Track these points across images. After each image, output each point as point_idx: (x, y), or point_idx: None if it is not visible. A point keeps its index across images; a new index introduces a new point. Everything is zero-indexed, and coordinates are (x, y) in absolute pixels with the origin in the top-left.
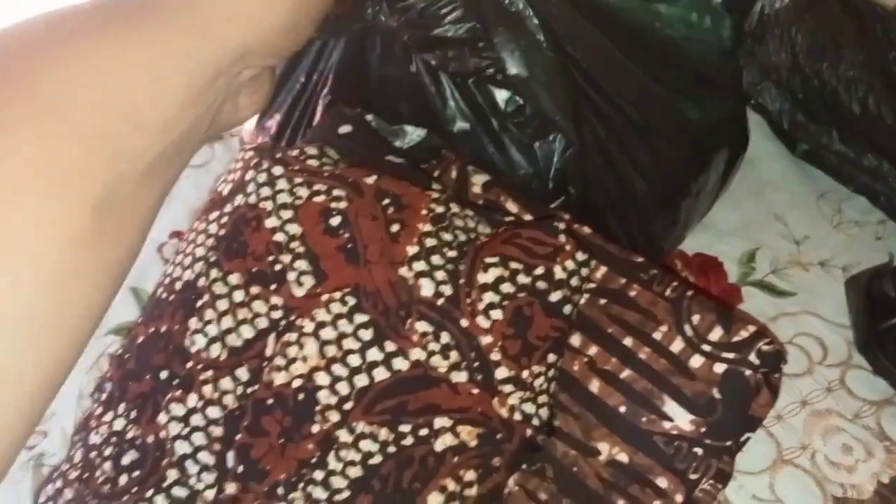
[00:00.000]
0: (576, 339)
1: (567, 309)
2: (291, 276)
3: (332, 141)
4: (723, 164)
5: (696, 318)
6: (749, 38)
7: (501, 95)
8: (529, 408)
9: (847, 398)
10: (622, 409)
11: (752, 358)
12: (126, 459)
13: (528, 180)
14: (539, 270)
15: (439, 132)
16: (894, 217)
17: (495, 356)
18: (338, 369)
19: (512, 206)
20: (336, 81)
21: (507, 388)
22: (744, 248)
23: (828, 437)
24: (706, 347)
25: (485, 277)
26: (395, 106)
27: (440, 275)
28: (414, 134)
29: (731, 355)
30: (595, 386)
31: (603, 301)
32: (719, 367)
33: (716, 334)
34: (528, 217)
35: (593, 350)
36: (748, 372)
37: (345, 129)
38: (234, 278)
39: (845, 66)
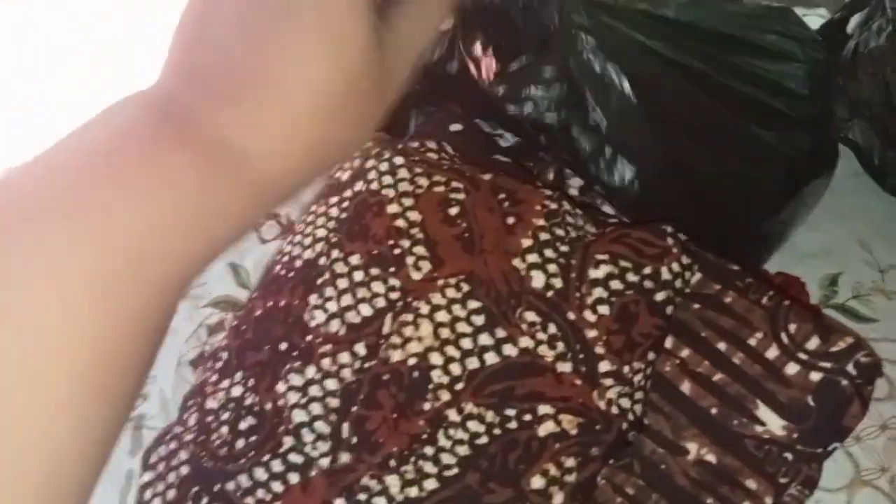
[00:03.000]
0: (668, 341)
1: (669, 310)
2: (410, 260)
3: (445, 137)
4: (809, 194)
5: (792, 327)
6: (840, 73)
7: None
8: (626, 402)
9: None
10: (714, 410)
11: (850, 369)
12: (243, 424)
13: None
14: (647, 270)
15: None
16: None
17: (599, 350)
18: (451, 351)
19: (608, 209)
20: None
21: (608, 381)
22: (826, 271)
23: None
24: (802, 356)
25: (595, 273)
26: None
27: (552, 268)
28: (512, 140)
29: (827, 365)
30: (686, 387)
31: (696, 305)
32: (815, 376)
33: (813, 343)
34: (624, 220)
35: (685, 352)
36: (844, 382)
37: (456, 127)
38: (355, 259)
39: None
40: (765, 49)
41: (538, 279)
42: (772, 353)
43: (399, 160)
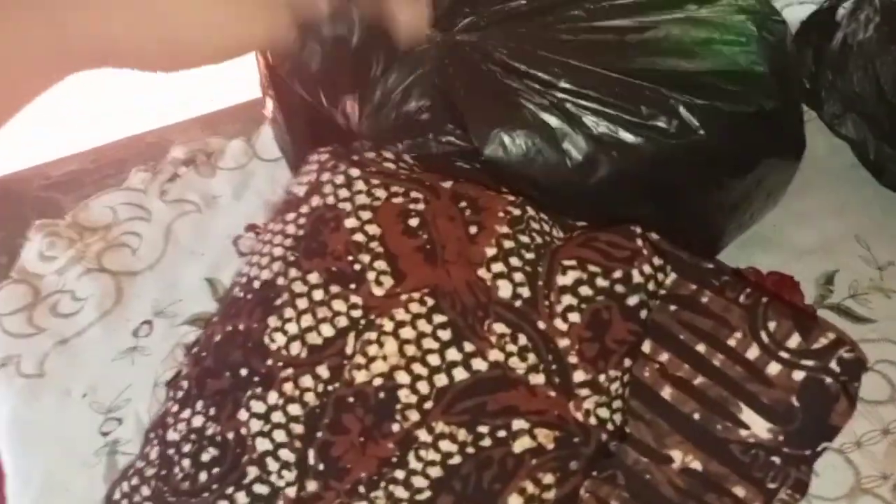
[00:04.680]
0: (646, 346)
1: (643, 314)
2: (371, 275)
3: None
4: (768, 178)
5: (772, 325)
6: (829, 68)
7: None
8: (604, 412)
9: None
10: (696, 416)
11: (833, 365)
12: (206, 456)
13: None
14: (617, 274)
15: None
16: None
17: (572, 359)
18: (417, 368)
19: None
20: None
21: (584, 391)
22: (822, 269)
23: None
24: (784, 354)
25: (563, 280)
26: None
27: (518, 276)
28: None
29: (810, 363)
30: (667, 392)
31: (673, 307)
32: (798, 375)
33: (794, 341)
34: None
35: (664, 356)
36: (828, 380)
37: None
38: (314, 277)
39: None
40: (715, 23)
41: (505, 289)
42: (752, 353)
43: (355, 172)
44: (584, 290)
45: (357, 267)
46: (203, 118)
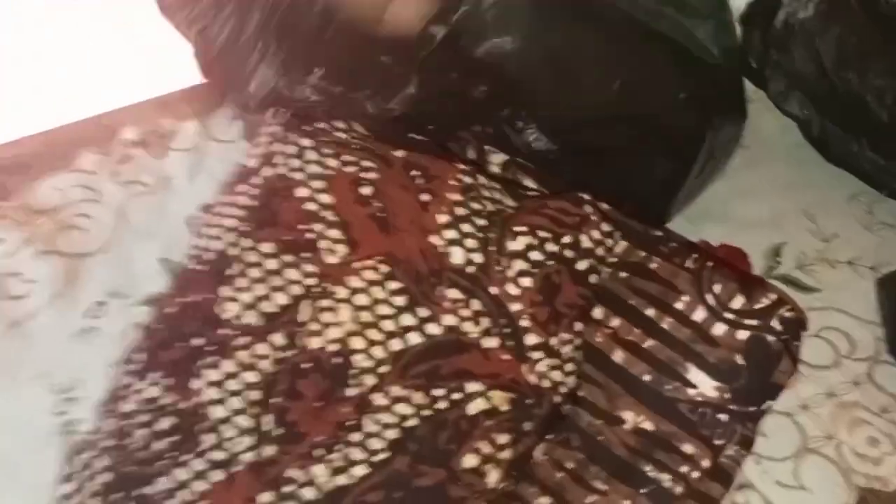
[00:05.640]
0: (598, 312)
1: (593, 278)
2: (323, 244)
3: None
4: (718, 143)
5: (717, 288)
6: (773, 47)
7: None
8: (557, 375)
9: (874, 393)
10: (646, 377)
11: (775, 324)
12: (161, 425)
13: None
14: (567, 239)
15: None
16: None
17: (525, 323)
18: (372, 334)
19: (530, 183)
20: None
21: (537, 354)
22: (770, 241)
23: (854, 429)
24: (728, 315)
25: (515, 245)
26: None
27: (471, 242)
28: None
29: (753, 322)
30: (619, 356)
31: (624, 274)
32: (742, 334)
33: (738, 302)
34: (544, 192)
35: (616, 322)
36: (771, 338)
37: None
38: (267, 247)
39: (873, 75)
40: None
41: (457, 255)
42: (699, 314)
43: (306, 142)
44: (535, 255)
45: (310, 236)
46: (156, 100)
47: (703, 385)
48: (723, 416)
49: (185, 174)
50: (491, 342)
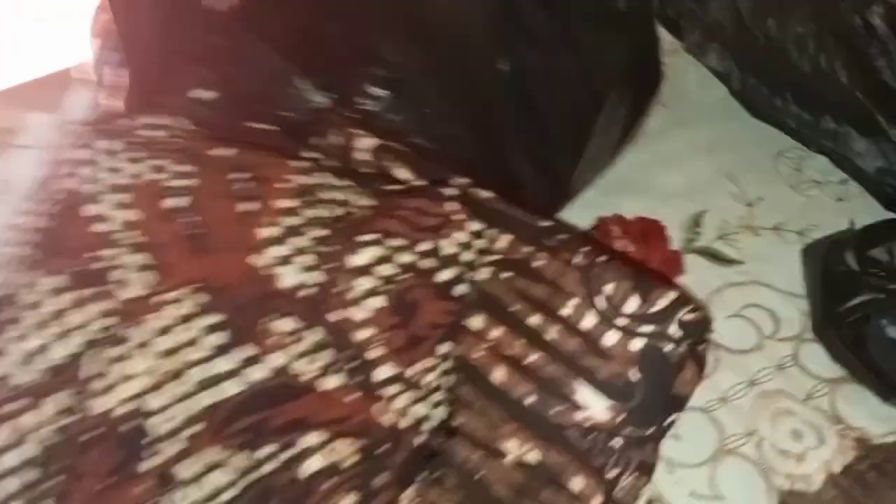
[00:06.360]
0: (477, 322)
1: (460, 289)
2: (119, 274)
3: (186, 106)
4: (626, 103)
5: (609, 288)
6: None
7: None
8: (421, 409)
9: (799, 376)
10: (529, 399)
11: (673, 330)
12: None
13: None
14: (424, 246)
15: None
16: (857, 179)
17: (375, 353)
18: (175, 388)
19: (403, 173)
20: None
21: (392, 389)
22: (689, 211)
23: (776, 421)
24: (621, 321)
25: (358, 259)
26: None
27: (304, 260)
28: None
29: (648, 328)
30: (499, 375)
31: (506, 274)
32: (636, 344)
33: (632, 305)
34: (419, 183)
35: (497, 333)
36: (668, 346)
37: (205, 94)
38: (48, 283)
39: (794, 22)
40: None
41: (289, 277)
42: (588, 321)
43: (104, 144)
44: (385, 270)
45: (101, 265)
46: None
47: (594, 406)
48: (616, 442)
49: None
50: (331, 381)
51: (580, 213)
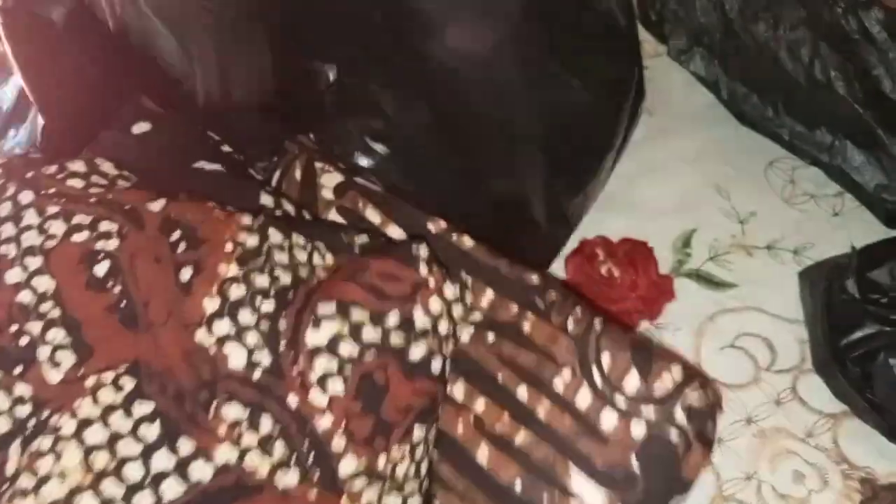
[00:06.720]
0: (459, 390)
1: (436, 365)
2: (44, 352)
3: (122, 143)
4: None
5: (606, 359)
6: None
7: None
8: (393, 501)
9: (799, 411)
10: (517, 485)
11: (679, 416)
12: None
13: None
14: (392, 320)
15: None
16: (854, 193)
17: (338, 444)
18: (110, 487)
19: (373, 215)
20: None
21: (359, 483)
22: (679, 229)
23: (777, 462)
24: (620, 401)
25: (316, 337)
26: None
27: (252, 337)
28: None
29: (651, 413)
30: (484, 454)
31: (491, 337)
32: (638, 429)
33: (632, 382)
34: (392, 229)
35: (481, 404)
36: (674, 434)
37: (140, 127)
38: None
39: (786, 27)
40: None
41: (236, 356)
42: (583, 398)
43: (27, 197)
44: (346, 349)
45: (24, 341)
46: None
47: (589, 496)
48: None
49: None
50: (289, 477)
51: None
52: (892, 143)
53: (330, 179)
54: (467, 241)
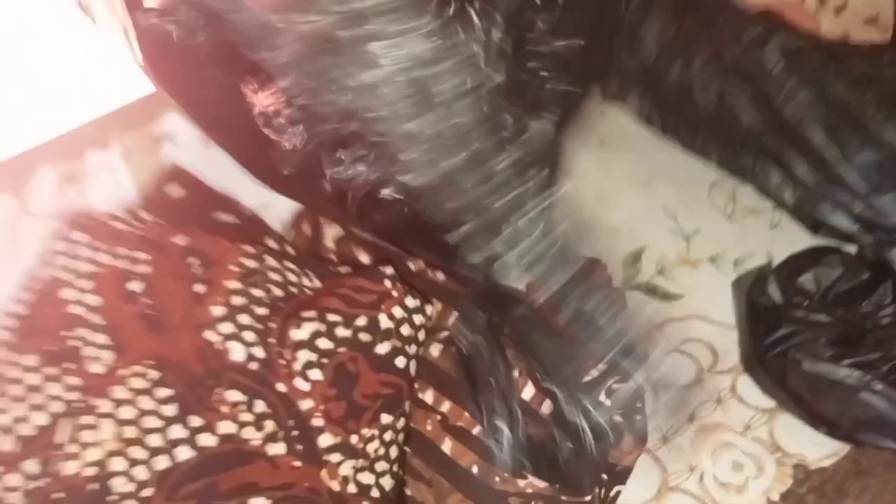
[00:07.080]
0: (429, 396)
1: (400, 361)
2: (88, 351)
3: (155, 201)
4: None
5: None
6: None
7: None
8: (366, 478)
9: (738, 408)
10: (475, 469)
11: (602, 399)
12: None
13: None
14: (361, 321)
15: None
16: (782, 208)
17: (317, 422)
18: (136, 452)
19: (365, 258)
20: None
21: (335, 456)
22: (629, 247)
23: (717, 454)
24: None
25: (299, 334)
26: None
27: (249, 336)
28: None
29: (581, 398)
30: (448, 446)
31: (454, 350)
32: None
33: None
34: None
35: (446, 406)
36: (599, 416)
37: (174, 189)
38: (30, 359)
39: (698, 63)
40: None
41: (237, 351)
42: (528, 392)
43: (81, 237)
44: (323, 343)
45: (74, 343)
46: None
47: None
48: None
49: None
50: (277, 448)
51: None
52: (798, 163)
53: (331, 232)
54: (440, 276)
